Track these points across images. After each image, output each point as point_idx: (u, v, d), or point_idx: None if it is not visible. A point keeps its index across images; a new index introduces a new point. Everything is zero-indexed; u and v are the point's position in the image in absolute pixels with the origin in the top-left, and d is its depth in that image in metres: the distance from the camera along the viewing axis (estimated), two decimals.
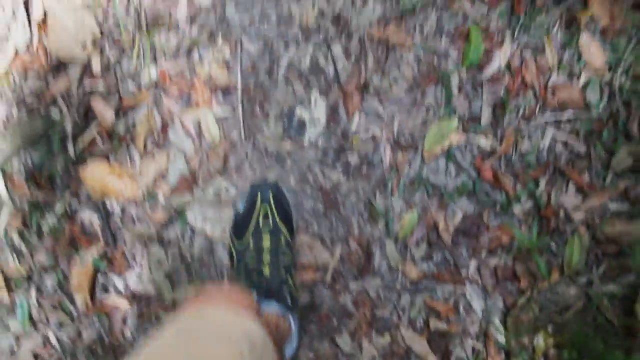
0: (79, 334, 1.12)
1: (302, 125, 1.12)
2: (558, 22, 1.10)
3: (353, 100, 1.12)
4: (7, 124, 1.12)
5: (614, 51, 1.08)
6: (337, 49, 1.12)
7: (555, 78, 1.10)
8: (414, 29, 1.12)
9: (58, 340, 1.11)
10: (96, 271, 1.10)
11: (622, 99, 1.08)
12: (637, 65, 1.07)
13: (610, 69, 1.08)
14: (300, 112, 1.12)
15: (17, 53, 1.13)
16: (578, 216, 1.09)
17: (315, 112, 1.12)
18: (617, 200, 1.09)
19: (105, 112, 1.11)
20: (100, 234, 1.11)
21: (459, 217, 1.12)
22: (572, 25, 1.10)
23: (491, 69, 1.12)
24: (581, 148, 1.10)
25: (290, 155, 1.12)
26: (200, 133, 1.11)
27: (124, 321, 1.11)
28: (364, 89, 1.12)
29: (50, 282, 1.11)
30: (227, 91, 1.12)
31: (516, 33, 1.11)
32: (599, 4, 1.06)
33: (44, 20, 1.12)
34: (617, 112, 1.08)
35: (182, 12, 1.11)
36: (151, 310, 1.11)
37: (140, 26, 1.10)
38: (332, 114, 1.12)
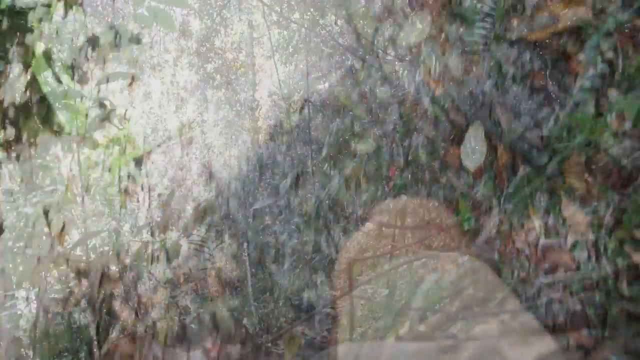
0: None
1: (310, 306, 1.19)
2: (539, 191, 1.18)
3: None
4: (34, 329, 1.20)
5: (595, 215, 1.15)
6: (336, 232, 1.19)
7: (544, 241, 1.17)
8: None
9: None
10: None
11: (608, 258, 1.14)
12: (617, 227, 1.14)
13: (594, 231, 1.15)
14: (308, 294, 1.19)
15: (39, 261, 1.21)
16: None
17: (322, 292, 1.19)
18: (618, 353, 1.14)
19: (125, 313, 1.18)
20: None
21: None
22: (553, 193, 1.17)
23: (482, 236, 1.19)
24: (576, 306, 1.16)
25: (303, 335, 1.18)
26: (216, 325, 1.18)
27: None
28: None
29: None
30: (237, 282, 1.19)
31: (502, 201, 1.19)
32: (574, 177, 1.13)
33: (63, 229, 1.21)
34: (605, 272, 1.14)
35: (188, 214, 1.20)
36: None
37: (153, 232, 1.19)
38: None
